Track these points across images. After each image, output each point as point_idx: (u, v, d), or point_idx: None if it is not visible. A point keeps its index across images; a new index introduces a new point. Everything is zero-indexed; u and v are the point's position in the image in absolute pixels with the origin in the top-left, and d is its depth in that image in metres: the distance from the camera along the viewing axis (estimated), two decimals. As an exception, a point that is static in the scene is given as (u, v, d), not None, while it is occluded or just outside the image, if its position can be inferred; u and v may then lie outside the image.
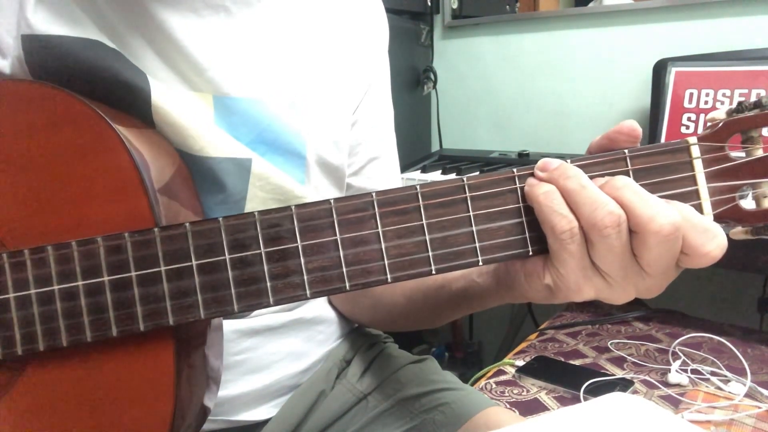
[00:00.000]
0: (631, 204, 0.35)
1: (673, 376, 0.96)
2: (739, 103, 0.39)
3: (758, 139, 0.38)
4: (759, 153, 0.38)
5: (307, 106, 0.54)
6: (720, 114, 0.39)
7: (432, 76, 1.79)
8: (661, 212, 0.34)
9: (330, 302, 0.66)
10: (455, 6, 1.81)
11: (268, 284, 0.37)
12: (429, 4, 1.79)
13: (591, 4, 1.64)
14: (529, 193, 0.37)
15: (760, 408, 0.86)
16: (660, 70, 1.30)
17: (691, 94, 1.23)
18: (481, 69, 1.80)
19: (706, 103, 1.21)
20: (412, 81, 1.76)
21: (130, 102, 0.45)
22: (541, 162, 0.38)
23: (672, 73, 1.25)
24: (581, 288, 0.38)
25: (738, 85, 1.18)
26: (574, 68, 1.65)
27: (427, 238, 0.37)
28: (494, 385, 1.00)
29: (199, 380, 0.42)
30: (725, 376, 0.96)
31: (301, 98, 0.54)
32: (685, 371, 0.98)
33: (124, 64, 0.46)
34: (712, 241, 0.35)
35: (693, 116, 1.22)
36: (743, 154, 0.38)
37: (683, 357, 1.02)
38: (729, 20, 1.41)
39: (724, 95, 1.20)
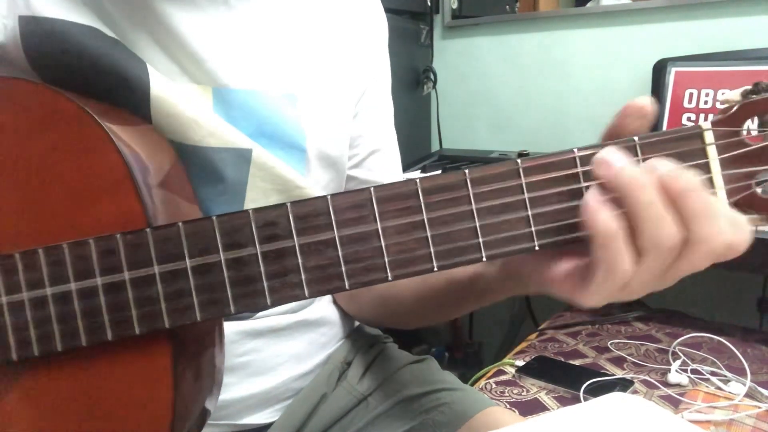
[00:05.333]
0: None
1: (673, 376, 0.96)
2: (756, 84, 0.36)
3: None
4: None
5: (307, 99, 0.54)
6: (735, 96, 0.37)
7: (432, 76, 1.79)
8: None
9: (334, 301, 0.66)
10: (455, 6, 1.81)
11: (265, 284, 0.36)
12: (429, 4, 1.79)
13: (589, 4, 1.64)
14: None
15: (759, 408, 0.86)
16: (660, 70, 1.30)
17: (691, 94, 1.23)
18: (481, 69, 1.80)
19: (705, 103, 1.21)
20: (412, 81, 1.76)
21: (129, 92, 0.45)
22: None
23: (672, 73, 1.25)
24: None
25: (738, 85, 1.18)
26: (574, 68, 1.64)
27: (429, 234, 0.36)
28: (494, 385, 1.00)
29: (199, 383, 0.42)
30: (725, 376, 0.96)
31: (301, 90, 0.54)
32: (685, 371, 0.98)
33: (123, 53, 0.45)
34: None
35: (693, 116, 1.22)
36: (761, 139, 0.36)
37: (683, 357, 1.02)
38: (729, 20, 1.41)
39: (723, 95, 1.20)
